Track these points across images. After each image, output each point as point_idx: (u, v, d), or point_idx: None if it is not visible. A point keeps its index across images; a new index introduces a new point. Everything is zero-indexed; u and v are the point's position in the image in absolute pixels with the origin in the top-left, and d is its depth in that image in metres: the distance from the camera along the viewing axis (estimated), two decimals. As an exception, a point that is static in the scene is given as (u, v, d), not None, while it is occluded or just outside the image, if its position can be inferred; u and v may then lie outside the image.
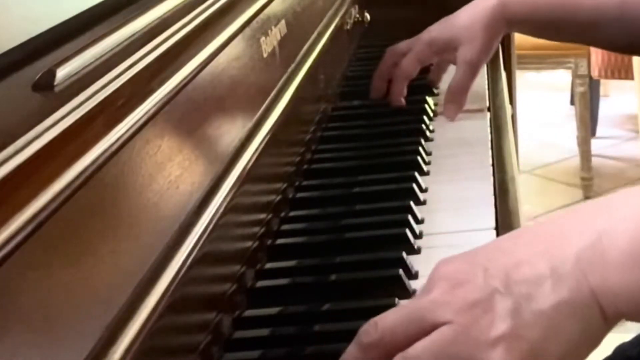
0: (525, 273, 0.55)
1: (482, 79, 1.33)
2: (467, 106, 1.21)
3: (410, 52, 1.24)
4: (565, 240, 0.55)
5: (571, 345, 0.54)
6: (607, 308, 0.54)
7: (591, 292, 0.54)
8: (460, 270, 0.58)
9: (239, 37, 0.86)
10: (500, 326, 0.54)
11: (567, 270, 0.54)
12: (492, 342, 0.54)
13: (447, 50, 1.22)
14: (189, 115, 0.72)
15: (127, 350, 0.53)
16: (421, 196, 0.96)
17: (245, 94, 0.87)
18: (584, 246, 0.54)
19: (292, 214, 0.94)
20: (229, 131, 0.81)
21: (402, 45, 1.27)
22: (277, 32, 0.98)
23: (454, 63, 1.22)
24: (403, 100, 1.23)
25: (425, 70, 1.30)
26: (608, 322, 0.54)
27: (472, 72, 1.19)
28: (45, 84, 0.57)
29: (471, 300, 0.55)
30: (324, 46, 1.15)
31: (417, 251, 0.85)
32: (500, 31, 1.19)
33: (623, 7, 1.12)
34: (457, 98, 1.19)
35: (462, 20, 1.20)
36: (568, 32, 1.20)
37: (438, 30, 1.23)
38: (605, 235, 0.54)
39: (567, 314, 0.54)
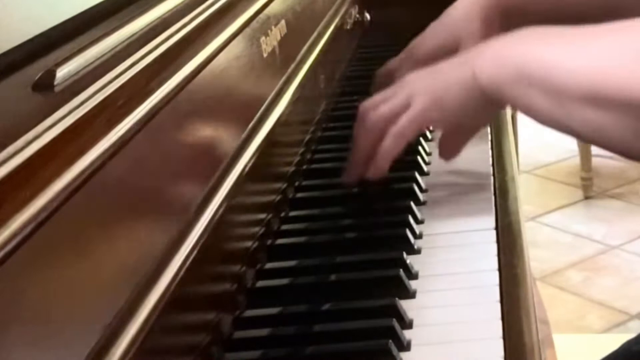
0: (452, 61, 0.91)
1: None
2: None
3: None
4: (477, 50, 0.89)
5: (459, 100, 0.88)
6: (480, 81, 0.85)
7: (474, 73, 0.86)
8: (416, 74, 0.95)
9: (239, 37, 0.86)
10: (425, 87, 0.91)
11: (465, 62, 0.88)
12: (416, 93, 0.90)
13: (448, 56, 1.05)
14: (189, 115, 0.72)
15: (127, 350, 0.53)
16: (421, 196, 0.96)
17: (245, 93, 0.87)
18: (481, 53, 0.87)
19: (292, 214, 0.94)
20: (229, 131, 0.81)
21: (388, 69, 1.12)
22: (277, 32, 0.98)
23: None
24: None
25: None
26: (483, 93, 0.86)
27: None
28: (45, 84, 0.57)
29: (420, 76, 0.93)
30: (324, 46, 1.15)
31: (417, 251, 0.85)
32: (496, 22, 1.09)
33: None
34: None
35: (457, 15, 1.10)
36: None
37: (431, 36, 1.10)
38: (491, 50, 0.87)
39: (459, 82, 0.88)
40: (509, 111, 1.23)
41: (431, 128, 1.16)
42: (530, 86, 0.80)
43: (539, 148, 3.30)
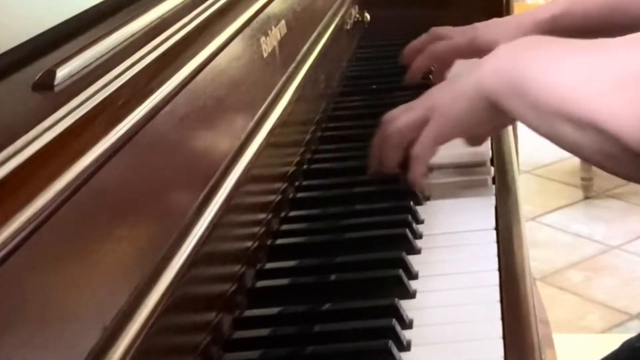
0: (461, 77, 0.95)
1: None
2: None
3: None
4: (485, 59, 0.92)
5: (468, 112, 0.92)
6: (483, 91, 0.90)
7: (478, 82, 0.91)
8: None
9: (239, 37, 0.86)
10: (442, 101, 0.95)
11: (472, 74, 0.92)
12: (436, 107, 0.95)
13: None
14: (189, 115, 0.72)
15: (127, 350, 0.53)
16: (421, 196, 0.96)
17: (245, 94, 0.87)
18: (486, 63, 0.91)
19: (292, 214, 0.94)
20: (229, 131, 0.81)
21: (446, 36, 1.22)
22: (277, 32, 0.98)
23: None
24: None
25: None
26: (488, 101, 0.90)
27: None
28: (45, 84, 0.57)
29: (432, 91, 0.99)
30: (324, 46, 1.15)
31: (417, 251, 0.85)
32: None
33: None
34: None
35: (511, 23, 1.17)
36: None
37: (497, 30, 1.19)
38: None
39: (465, 95, 0.92)
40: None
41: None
42: (519, 99, 0.85)
43: (539, 148, 3.27)
